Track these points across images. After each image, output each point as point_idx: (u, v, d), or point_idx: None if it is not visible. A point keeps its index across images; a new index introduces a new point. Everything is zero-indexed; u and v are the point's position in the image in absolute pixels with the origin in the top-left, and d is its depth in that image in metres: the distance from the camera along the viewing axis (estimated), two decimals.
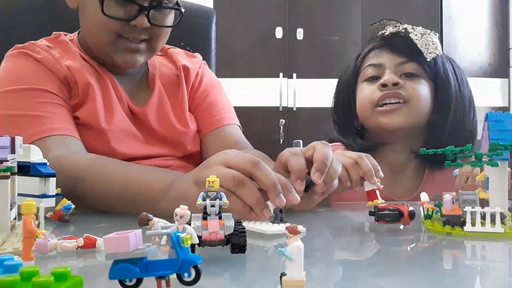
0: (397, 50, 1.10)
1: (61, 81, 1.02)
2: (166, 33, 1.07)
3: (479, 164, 0.70)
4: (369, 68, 1.13)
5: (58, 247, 0.54)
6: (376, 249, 0.62)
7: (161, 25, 1.04)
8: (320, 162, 0.73)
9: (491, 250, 0.61)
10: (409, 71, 1.10)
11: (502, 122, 0.68)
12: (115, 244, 0.38)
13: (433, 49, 1.07)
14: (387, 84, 1.08)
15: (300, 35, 3.20)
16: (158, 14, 1.03)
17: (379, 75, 1.11)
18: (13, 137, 0.63)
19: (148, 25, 1.00)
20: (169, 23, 1.06)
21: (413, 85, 1.09)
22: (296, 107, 3.19)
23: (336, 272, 0.51)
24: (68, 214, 0.73)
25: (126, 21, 0.99)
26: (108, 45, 1.03)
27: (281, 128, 3.19)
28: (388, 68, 1.10)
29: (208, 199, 0.51)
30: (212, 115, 1.16)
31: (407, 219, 0.68)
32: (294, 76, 3.18)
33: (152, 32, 1.04)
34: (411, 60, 1.10)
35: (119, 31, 1.01)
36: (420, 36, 1.08)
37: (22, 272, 0.34)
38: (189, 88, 1.18)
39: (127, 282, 0.39)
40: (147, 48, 1.06)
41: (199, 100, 1.18)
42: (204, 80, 1.21)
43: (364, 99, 1.13)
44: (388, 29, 1.12)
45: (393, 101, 1.08)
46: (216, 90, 1.22)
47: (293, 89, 3.17)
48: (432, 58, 1.07)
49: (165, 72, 1.18)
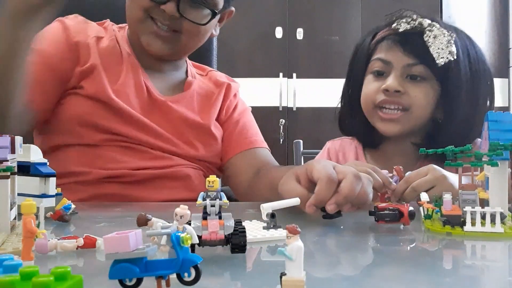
0: (408, 49, 1.08)
1: (73, 47, 1.05)
2: (197, 32, 1.08)
3: (479, 164, 0.70)
4: (378, 62, 1.11)
5: (58, 247, 0.54)
6: (376, 249, 0.62)
7: (191, 19, 1.04)
8: (341, 197, 0.71)
9: (491, 250, 0.61)
10: (416, 73, 1.08)
11: (502, 122, 0.68)
12: (115, 244, 0.38)
13: (446, 53, 1.04)
14: (389, 90, 1.07)
15: (300, 35, 3.20)
16: (192, 9, 1.04)
17: (386, 71, 1.10)
18: (13, 136, 0.63)
19: (176, 14, 1.02)
20: (203, 22, 1.06)
21: (416, 91, 1.07)
22: (296, 107, 3.19)
23: (336, 272, 0.51)
24: (68, 214, 0.73)
25: (157, 3, 1.02)
26: (137, 23, 1.06)
27: (281, 128, 3.19)
28: (395, 68, 1.09)
29: (208, 199, 0.51)
30: (247, 136, 1.19)
31: (407, 219, 0.68)
32: (294, 76, 3.18)
33: (182, 25, 1.05)
34: (421, 62, 1.07)
35: (149, 11, 1.03)
36: (433, 39, 1.04)
37: (22, 272, 0.34)
38: (226, 104, 1.20)
39: (127, 282, 0.39)
40: (174, 39, 1.07)
41: (233, 120, 1.21)
42: (239, 103, 1.24)
43: (367, 96, 1.13)
44: (403, 24, 1.08)
45: (392, 107, 1.08)
46: (247, 114, 1.26)
47: (293, 89, 3.18)
48: (443, 63, 1.04)
49: (202, 86, 1.20)
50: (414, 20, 1.07)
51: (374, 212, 0.70)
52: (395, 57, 1.09)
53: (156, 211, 0.83)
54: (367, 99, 1.12)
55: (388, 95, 1.07)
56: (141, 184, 1.04)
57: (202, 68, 1.28)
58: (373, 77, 1.12)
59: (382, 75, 1.11)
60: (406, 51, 1.08)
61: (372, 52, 1.13)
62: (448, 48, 1.04)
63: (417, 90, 1.08)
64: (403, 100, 1.07)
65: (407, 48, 1.08)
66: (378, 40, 1.13)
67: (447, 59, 1.04)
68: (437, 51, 1.04)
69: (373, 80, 1.12)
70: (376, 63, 1.12)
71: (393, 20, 1.11)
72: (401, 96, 1.07)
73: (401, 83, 1.08)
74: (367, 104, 1.13)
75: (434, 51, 1.04)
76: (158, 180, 1.06)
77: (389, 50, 1.10)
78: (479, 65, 1.11)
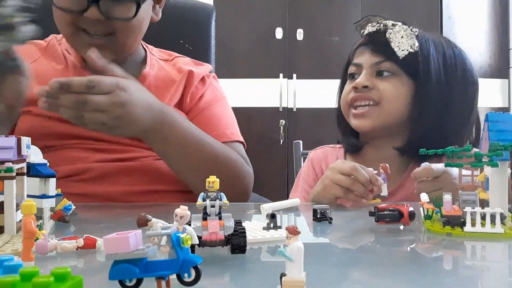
0: (376, 49, 1.12)
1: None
2: (132, 28, 1.03)
3: (479, 165, 0.70)
4: (352, 67, 1.17)
5: (58, 247, 0.54)
6: (376, 249, 0.62)
7: (119, 17, 0.99)
8: None
9: (491, 250, 0.61)
10: (384, 69, 1.11)
11: (502, 122, 0.68)
12: (115, 244, 0.38)
13: (406, 46, 1.07)
14: (357, 86, 1.11)
15: (300, 35, 3.21)
16: (116, 7, 0.99)
17: (357, 73, 1.15)
18: (19, 137, 0.63)
19: (101, 17, 0.97)
20: (130, 16, 1.00)
21: (385, 85, 1.10)
22: (296, 107, 3.19)
23: (336, 272, 0.51)
24: (68, 215, 0.73)
25: (80, 13, 0.97)
26: (70, 38, 1.02)
27: (281, 128, 3.19)
28: (365, 68, 1.13)
29: (208, 199, 0.51)
30: (216, 128, 1.12)
31: (407, 219, 0.68)
32: (294, 76, 3.18)
33: (114, 26, 1.00)
34: (388, 59, 1.10)
35: (76, 23, 0.99)
36: (394, 34, 1.08)
37: (22, 273, 0.34)
38: (190, 91, 1.15)
39: (127, 283, 0.39)
40: (113, 44, 1.02)
41: (199, 109, 1.15)
42: (208, 92, 1.18)
43: (342, 98, 1.18)
44: (368, 27, 1.13)
45: (363, 104, 1.12)
46: (219, 103, 1.19)
47: (293, 89, 3.18)
48: (404, 55, 1.07)
49: (162, 73, 1.16)
50: (379, 23, 1.12)
51: (374, 212, 0.70)
52: (365, 58, 1.14)
53: (156, 211, 0.83)
54: (342, 100, 1.18)
55: (357, 91, 1.12)
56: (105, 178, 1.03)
57: (168, 53, 1.24)
58: (348, 81, 1.18)
59: (354, 77, 1.16)
60: (373, 51, 1.13)
61: (350, 60, 1.19)
62: (408, 41, 1.07)
63: (385, 83, 1.11)
64: (373, 95, 1.11)
65: (373, 48, 1.13)
66: (354, 49, 1.19)
67: (407, 51, 1.07)
68: (398, 44, 1.07)
69: (348, 84, 1.17)
70: (351, 68, 1.17)
71: (361, 27, 1.15)
72: (370, 91, 1.11)
73: (369, 79, 1.11)
74: (343, 105, 1.17)
75: (395, 45, 1.08)
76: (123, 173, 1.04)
77: (360, 54, 1.15)
78: (457, 66, 1.13)
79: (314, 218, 0.75)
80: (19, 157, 0.63)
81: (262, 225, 0.64)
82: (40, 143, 0.95)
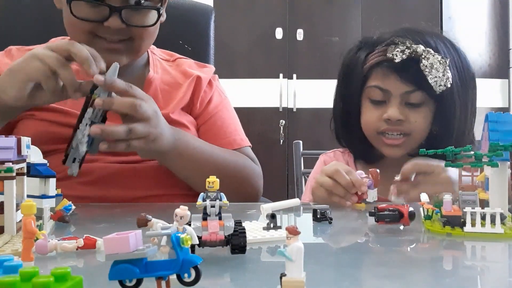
0: (405, 77, 1.09)
1: None
2: (148, 33, 1.03)
3: (479, 165, 0.70)
4: (376, 90, 1.12)
5: (58, 247, 0.54)
6: (376, 249, 0.62)
7: (139, 25, 0.99)
8: None
9: (491, 250, 0.61)
10: (415, 101, 1.10)
11: (502, 122, 0.68)
12: (115, 244, 0.38)
13: (443, 81, 1.06)
14: (391, 120, 1.09)
15: (300, 35, 3.21)
16: (136, 14, 0.99)
17: (385, 100, 1.12)
18: (19, 137, 0.63)
19: (122, 26, 0.96)
20: (150, 22, 1.01)
21: (416, 117, 1.10)
22: (296, 107, 3.19)
23: (336, 272, 0.51)
24: (68, 215, 0.73)
25: (99, 22, 0.96)
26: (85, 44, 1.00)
27: (281, 128, 3.19)
28: (394, 96, 1.10)
29: (208, 199, 0.51)
30: (225, 136, 1.15)
31: (407, 219, 0.68)
32: (294, 76, 3.18)
33: (132, 32, 1.00)
34: (419, 88, 1.09)
35: (94, 31, 0.98)
36: (430, 68, 1.05)
37: (22, 273, 0.34)
38: (199, 96, 1.15)
39: (127, 283, 0.39)
40: (129, 49, 1.02)
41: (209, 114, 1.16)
42: (215, 96, 1.19)
43: (369, 124, 1.14)
44: (398, 54, 1.08)
45: (395, 134, 1.11)
46: (225, 107, 1.20)
47: (293, 89, 3.18)
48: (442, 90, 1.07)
49: (167, 76, 1.16)
50: (409, 48, 1.08)
51: (374, 212, 0.70)
52: (393, 86, 1.10)
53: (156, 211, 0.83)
54: (369, 126, 1.15)
55: (390, 123, 1.10)
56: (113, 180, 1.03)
57: (169, 54, 1.24)
58: (372, 105, 1.14)
59: (381, 104, 1.13)
60: (403, 78, 1.09)
61: (367, 76, 1.14)
62: (445, 76, 1.06)
63: (416, 115, 1.10)
64: (405, 128, 1.10)
65: (403, 75, 1.09)
66: (372, 65, 1.13)
67: (445, 87, 1.07)
68: (435, 79, 1.06)
69: (373, 108, 1.14)
70: (374, 91, 1.13)
71: (384, 46, 1.11)
72: (402, 123, 1.10)
73: (401, 111, 1.09)
74: (369, 131, 1.15)
75: (432, 80, 1.06)
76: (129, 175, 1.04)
77: (386, 78, 1.11)
78: (466, 74, 1.14)
79: (314, 218, 0.75)
80: (19, 157, 0.63)
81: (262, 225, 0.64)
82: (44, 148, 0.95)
